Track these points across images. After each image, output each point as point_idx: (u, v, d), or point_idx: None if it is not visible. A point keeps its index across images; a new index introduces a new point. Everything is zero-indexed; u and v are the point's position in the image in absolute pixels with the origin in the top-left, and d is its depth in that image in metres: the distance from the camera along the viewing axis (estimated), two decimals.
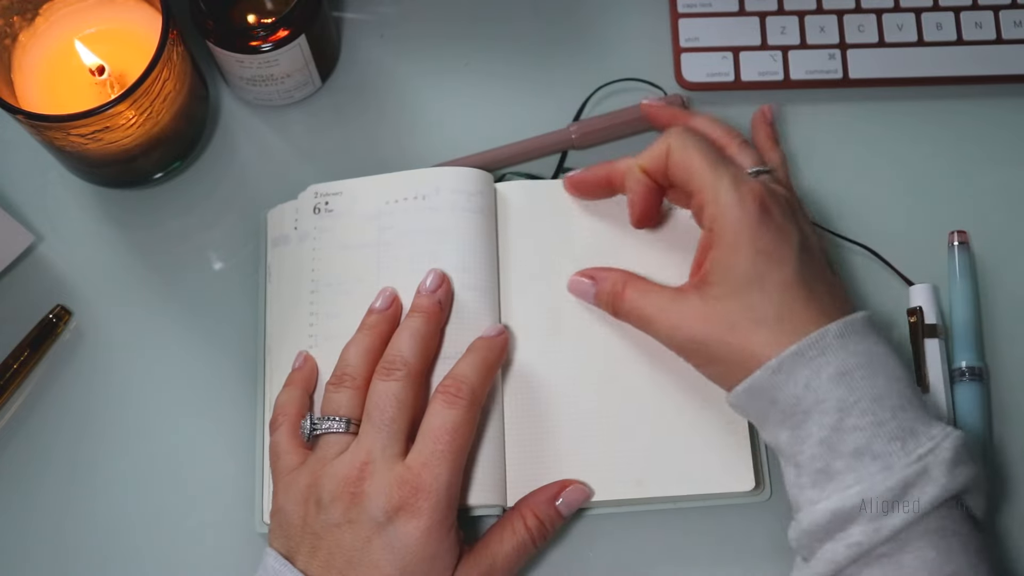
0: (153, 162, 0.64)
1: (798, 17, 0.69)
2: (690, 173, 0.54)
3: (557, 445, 0.58)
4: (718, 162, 0.54)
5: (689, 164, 0.54)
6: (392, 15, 0.71)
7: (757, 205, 0.52)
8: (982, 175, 0.67)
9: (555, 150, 0.67)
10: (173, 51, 0.58)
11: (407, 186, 0.61)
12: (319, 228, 0.61)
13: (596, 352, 0.60)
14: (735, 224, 0.52)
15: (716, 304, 0.52)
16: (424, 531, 0.50)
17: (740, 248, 0.52)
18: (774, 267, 0.51)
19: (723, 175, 0.53)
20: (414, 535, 0.50)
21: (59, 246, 0.66)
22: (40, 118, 0.56)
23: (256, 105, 0.69)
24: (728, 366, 0.52)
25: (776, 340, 0.50)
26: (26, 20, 0.61)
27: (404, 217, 0.60)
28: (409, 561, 0.50)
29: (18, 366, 0.62)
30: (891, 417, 0.48)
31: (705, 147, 0.54)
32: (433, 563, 0.50)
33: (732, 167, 0.54)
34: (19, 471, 0.61)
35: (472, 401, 0.53)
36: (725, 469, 0.57)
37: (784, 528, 0.52)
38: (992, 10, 0.68)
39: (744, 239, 0.52)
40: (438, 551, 0.50)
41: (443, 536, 0.51)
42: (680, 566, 0.59)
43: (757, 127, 0.64)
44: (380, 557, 0.50)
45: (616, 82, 0.69)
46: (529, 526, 0.55)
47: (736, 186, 0.52)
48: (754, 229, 0.52)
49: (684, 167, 0.54)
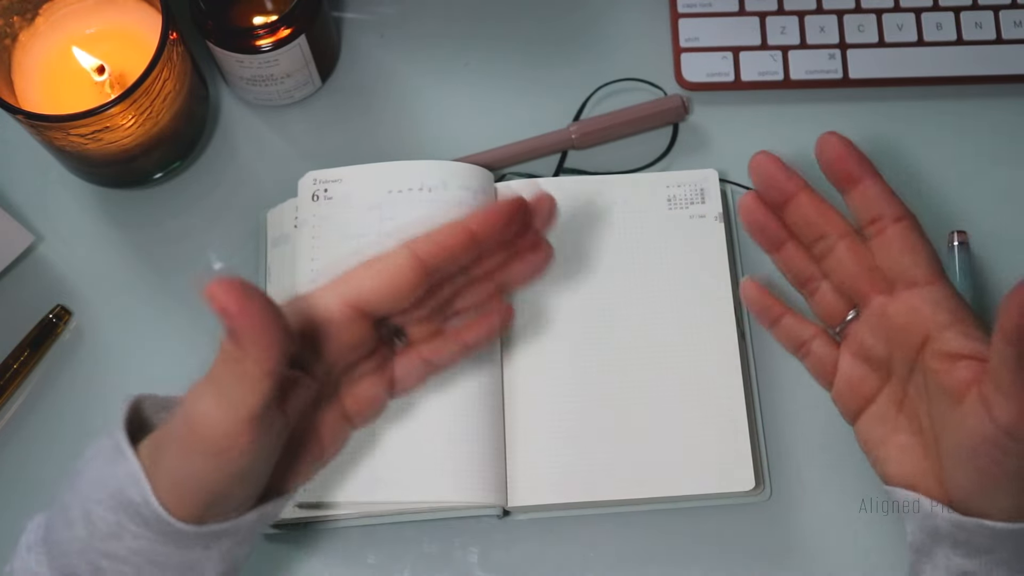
0: (153, 162, 0.64)
1: (798, 17, 0.69)
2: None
3: (557, 445, 0.58)
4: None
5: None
6: (392, 15, 0.71)
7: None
8: (982, 175, 0.67)
9: (555, 150, 0.67)
10: (173, 51, 0.59)
11: (411, 177, 0.61)
12: (318, 216, 0.61)
13: (596, 352, 0.60)
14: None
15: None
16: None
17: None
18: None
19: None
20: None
21: (59, 246, 0.66)
22: (40, 118, 0.56)
23: (256, 105, 0.69)
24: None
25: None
26: (26, 20, 0.61)
27: (407, 208, 0.60)
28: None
29: (18, 366, 0.62)
30: None
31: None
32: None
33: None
34: (19, 471, 0.61)
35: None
36: (725, 469, 0.57)
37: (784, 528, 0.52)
38: (992, 10, 0.68)
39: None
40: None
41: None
42: (680, 566, 0.59)
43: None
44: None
45: (616, 82, 0.69)
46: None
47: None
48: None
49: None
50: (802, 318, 0.53)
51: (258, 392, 0.41)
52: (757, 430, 0.60)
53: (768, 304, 0.53)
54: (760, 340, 0.63)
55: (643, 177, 0.64)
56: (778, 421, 0.61)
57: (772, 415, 0.61)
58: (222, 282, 0.40)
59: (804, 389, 0.62)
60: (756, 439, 0.60)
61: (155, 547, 0.44)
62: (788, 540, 0.59)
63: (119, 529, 0.44)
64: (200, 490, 0.43)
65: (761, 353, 0.62)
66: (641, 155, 0.67)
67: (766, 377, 0.62)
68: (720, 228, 0.62)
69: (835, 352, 0.52)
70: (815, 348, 0.52)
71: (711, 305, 0.61)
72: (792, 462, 0.61)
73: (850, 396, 0.51)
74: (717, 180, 0.63)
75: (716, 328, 0.60)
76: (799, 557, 0.59)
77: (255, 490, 0.46)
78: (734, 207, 0.66)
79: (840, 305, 0.52)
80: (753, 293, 0.54)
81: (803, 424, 0.61)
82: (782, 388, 0.62)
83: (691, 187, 0.63)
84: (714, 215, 0.62)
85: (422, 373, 0.52)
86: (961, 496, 0.47)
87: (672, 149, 0.67)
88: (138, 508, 0.43)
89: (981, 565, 0.47)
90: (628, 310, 0.61)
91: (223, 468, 0.43)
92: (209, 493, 0.44)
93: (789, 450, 0.61)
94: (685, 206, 0.63)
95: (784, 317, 0.53)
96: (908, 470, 0.49)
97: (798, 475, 0.60)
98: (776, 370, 0.62)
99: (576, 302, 0.61)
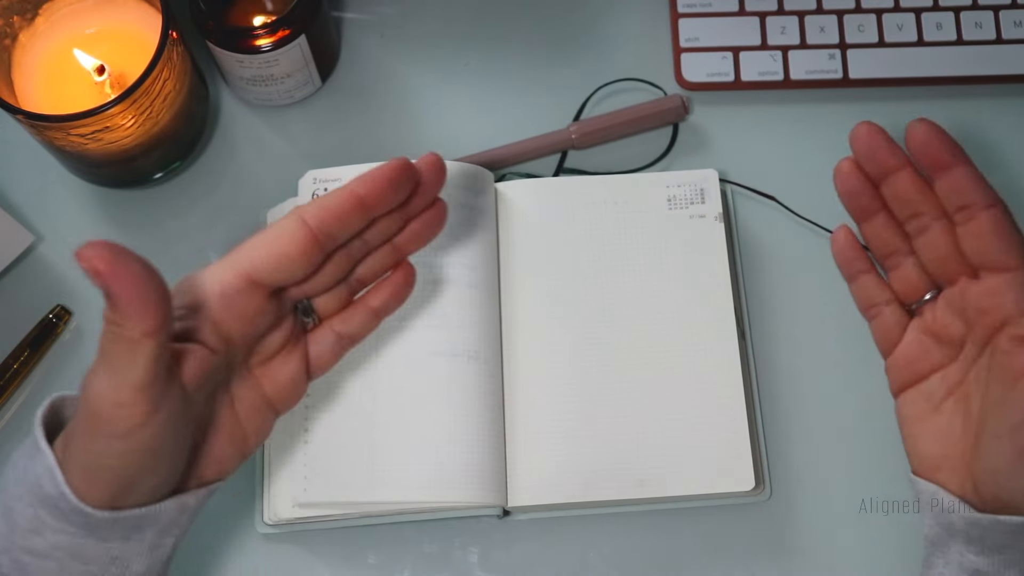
0: (153, 162, 0.64)
1: (798, 17, 0.69)
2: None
3: (557, 445, 0.58)
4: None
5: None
6: (392, 15, 0.71)
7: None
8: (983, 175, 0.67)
9: (555, 150, 0.67)
10: (173, 51, 0.59)
11: None
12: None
13: (596, 352, 0.60)
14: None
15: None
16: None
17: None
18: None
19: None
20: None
21: (59, 246, 0.66)
22: (40, 118, 0.56)
23: (256, 105, 0.69)
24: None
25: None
26: (26, 20, 0.61)
27: None
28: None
29: (18, 366, 0.62)
30: None
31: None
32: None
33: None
34: None
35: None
36: (725, 469, 0.57)
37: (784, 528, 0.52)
38: (992, 10, 0.68)
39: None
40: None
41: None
42: (680, 566, 0.59)
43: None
44: None
45: (616, 82, 0.69)
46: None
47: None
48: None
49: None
50: (882, 280, 0.53)
51: (141, 355, 0.41)
52: (757, 430, 0.60)
53: (854, 256, 0.53)
54: (760, 340, 0.63)
55: (643, 177, 0.64)
56: (778, 421, 0.61)
57: (772, 415, 0.61)
58: (93, 244, 0.40)
59: (804, 389, 0.62)
60: (756, 439, 0.60)
61: (74, 540, 0.44)
62: (788, 540, 0.59)
63: (38, 524, 0.44)
64: (108, 472, 0.43)
65: (761, 353, 0.62)
66: (641, 155, 0.67)
67: (766, 377, 0.62)
68: (720, 228, 0.62)
69: (904, 322, 0.52)
70: (886, 313, 0.52)
71: (711, 305, 0.61)
72: (792, 462, 0.61)
73: (905, 368, 0.52)
74: (717, 180, 0.63)
75: (716, 328, 0.60)
76: (799, 557, 0.59)
77: (169, 475, 0.46)
78: (734, 207, 0.66)
79: (921, 283, 0.52)
80: (843, 242, 0.54)
81: (803, 424, 0.61)
82: (782, 388, 0.62)
83: (691, 187, 0.63)
84: (714, 215, 0.62)
85: (336, 348, 0.53)
86: (987, 478, 0.47)
87: (672, 149, 0.67)
88: (55, 501, 0.44)
89: (992, 564, 0.48)
90: (628, 310, 0.61)
91: (127, 445, 0.42)
92: (117, 475, 0.43)
93: (789, 450, 0.61)
94: (685, 206, 0.63)
95: (865, 275, 0.53)
96: (938, 451, 0.50)
97: (798, 475, 0.60)
98: (776, 370, 0.62)
99: (576, 302, 0.61)
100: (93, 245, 0.40)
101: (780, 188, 0.65)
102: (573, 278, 0.61)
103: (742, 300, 0.63)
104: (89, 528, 0.44)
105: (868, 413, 0.60)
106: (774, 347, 0.63)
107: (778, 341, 0.63)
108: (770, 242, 0.65)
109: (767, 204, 0.66)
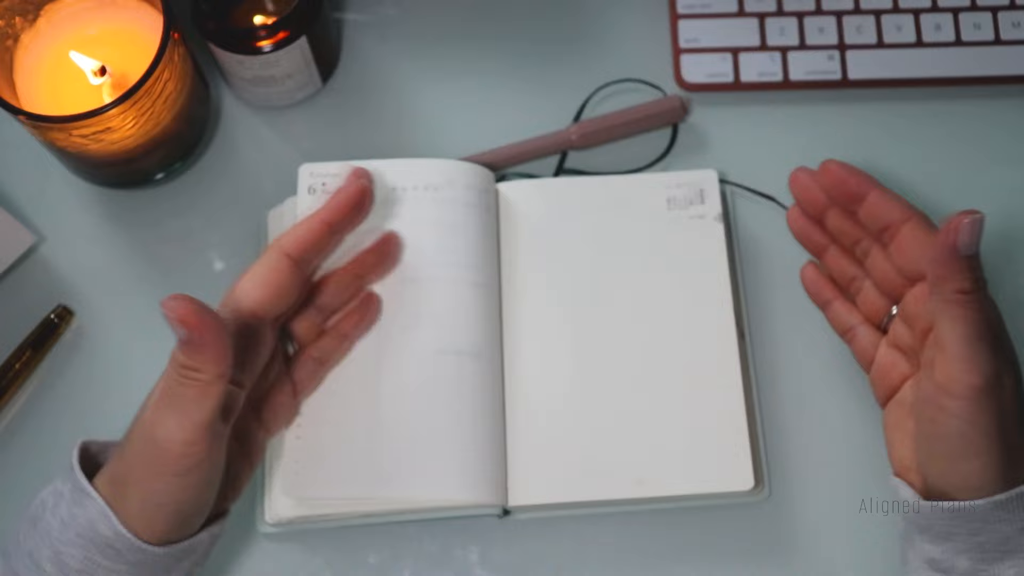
0: (154, 162, 0.64)
1: (797, 18, 0.69)
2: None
3: (557, 445, 0.58)
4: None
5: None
6: (393, 16, 0.71)
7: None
8: (982, 175, 0.67)
9: (555, 150, 0.67)
10: (174, 52, 0.59)
11: (415, 175, 0.61)
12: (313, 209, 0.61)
13: (596, 351, 0.60)
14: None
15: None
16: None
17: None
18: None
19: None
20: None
21: (61, 246, 0.66)
22: (42, 119, 0.56)
23: (257, 106, 0.69)
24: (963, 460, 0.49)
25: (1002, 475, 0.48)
26: (28, 21, 0.61)
27: (412, 207, 0.60)
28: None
29: (20, 366, 0.62)
30: None
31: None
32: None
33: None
34: (21, 472, 0.61)
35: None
36: (725, 469, 0.58)
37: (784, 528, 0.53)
38: (990, 11, 0.69)
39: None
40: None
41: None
42: (680, 566, 0.59)
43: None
44: None
45: (616, 82, 0.69)
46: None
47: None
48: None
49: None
50: (851, 306, 0.58)
51: (212, 396, 0.45)
52: (757, 430, 0.61)
53: (822, 287, 0.59)
54: (760, 340, 0.63)
55: (643, 178, 0.65)
56: (778, 421, 0.61)
57: (772, 415, 0.62)
58: (178, 297, 0.45)
59: (804, 388, 0.62)
60: (756, 439, 0.60)
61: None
62: (788, 540, 0.59)
63: (90, 565, 0.47)
64: (167, 509, 0.47)
65: (761, 353, 0.63)
66: (641, 155, 0.67)
67: (766, 377, 0.62)
68: (720, 228, 0.62)
69: (877, 340, 0.56)
70: (860, 333, 0.57)
71: (711, 305, 0.61)
72: (792, 462, 0.61)
73: (882, 382, 0.55)
74: (716, 180, 0.63)
75: (716, 328, 0.60)
76: (798, 557, 0.59)
77: (211, 504, 0.49)
78: (733, 207, 0.66)
79: (882, 303, 0.56)
80: (810, 276, 0.60)
81: (803, 424, 0.61)
82: (782, 388, 0.62)
83: (691, 187, 0.63)
84: (713, 215, 0.62)
85: (315, 372, 0.57)
86: (930, 473, 0.50)
87: (672, 150, 0.68)
88: (109, 541, 0.46)
89: (945, 552, 0.49)
90: (628, 310, 0.61)
91: (187, 481, 0.46)
92: (176, 511, 0.47)
93: (789, 450, 0.61)
94: (685, 206, 0.63)
95: (835, 302, 0.59)
96: (908, 454, 0.53)
97: (798, 475, 0.60)
98: (776, 370, 0.62)
99: (575, 302, 0.61)
100: (177, 299, 0.45)
101: (780, 188, 0.65)
102: (573, 278, 0.61)
103: (742, 300, 0.63)
104: (142, 564, 0.47)
105: (867, 413, 0.60)
106: (774, 347, 0.63)
107: (778, 341, 0.63)
108: (770, 242, 0.65)
109: (767, 204, 0.66)
